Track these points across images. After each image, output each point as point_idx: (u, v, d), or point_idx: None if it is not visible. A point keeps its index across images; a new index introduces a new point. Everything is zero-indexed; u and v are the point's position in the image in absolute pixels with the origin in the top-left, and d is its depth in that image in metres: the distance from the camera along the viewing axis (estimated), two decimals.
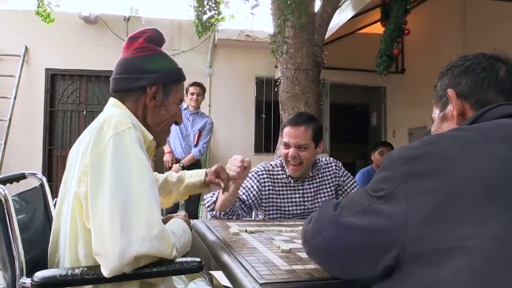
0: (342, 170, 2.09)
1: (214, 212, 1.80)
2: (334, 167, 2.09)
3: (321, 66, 4.12)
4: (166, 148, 4.42)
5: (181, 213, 1.31)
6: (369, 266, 0.78)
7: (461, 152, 0.74)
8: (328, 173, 2.07)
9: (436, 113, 1.00)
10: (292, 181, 2.01)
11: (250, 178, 1.98)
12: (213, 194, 1.82)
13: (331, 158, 2.15)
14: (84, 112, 6.19)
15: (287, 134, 1.95)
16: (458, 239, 0.68)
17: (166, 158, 4.39)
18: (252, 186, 1.95)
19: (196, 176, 1.58)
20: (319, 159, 2.10)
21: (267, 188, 1.98)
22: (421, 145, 0.78)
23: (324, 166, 2.08)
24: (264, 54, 5.36)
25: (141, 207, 0.96)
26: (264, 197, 1.97)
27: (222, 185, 1.56)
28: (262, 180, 1.98)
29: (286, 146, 1.95)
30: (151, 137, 1.20)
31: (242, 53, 6.51)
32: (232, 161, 1.62)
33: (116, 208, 0.95)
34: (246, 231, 1.48)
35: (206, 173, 1.57)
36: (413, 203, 0.73)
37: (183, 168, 4.32)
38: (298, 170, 1.96)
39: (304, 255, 1.11)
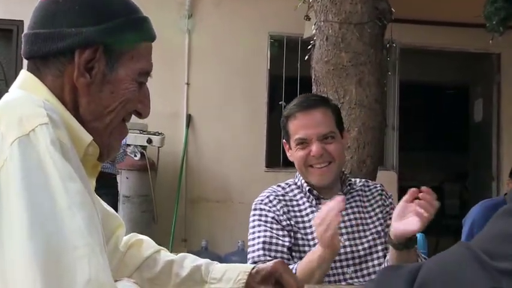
0: (390, 199, 2.36)
1: None
2: (380, 191, 2.37)
3: (386, 19, 4.05)
4: None
5: (123, 280, 1.38)
6: None
7: None
8: (371, 198, 2.35)
9: None
10: (313, 199, 2.29)
11: (266, 221, 2.21)
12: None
13: (372, 181, 2.50)
14: None
15: (300, 126, 2.24)
16: None
17: None
18: (278, 233, 2.19)
19: (227, 279, 1.62)
20: (349, 177, 2.44)
21: (284, 221, 2.28)
22: None
23: (360, 186, 2.38)
24: None
25: (77, 261, 1.00)
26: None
27: None
28: (278, 212, 2.25)
29: (302, 143, 2.22)
30: (89, 139, 1.23)
31: None
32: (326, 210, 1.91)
33: (34, 264, 0.98)
34: None
35: (250, 274, 1.60)
36: None
37: None
38: (328, 172, 2.23)
39: None
